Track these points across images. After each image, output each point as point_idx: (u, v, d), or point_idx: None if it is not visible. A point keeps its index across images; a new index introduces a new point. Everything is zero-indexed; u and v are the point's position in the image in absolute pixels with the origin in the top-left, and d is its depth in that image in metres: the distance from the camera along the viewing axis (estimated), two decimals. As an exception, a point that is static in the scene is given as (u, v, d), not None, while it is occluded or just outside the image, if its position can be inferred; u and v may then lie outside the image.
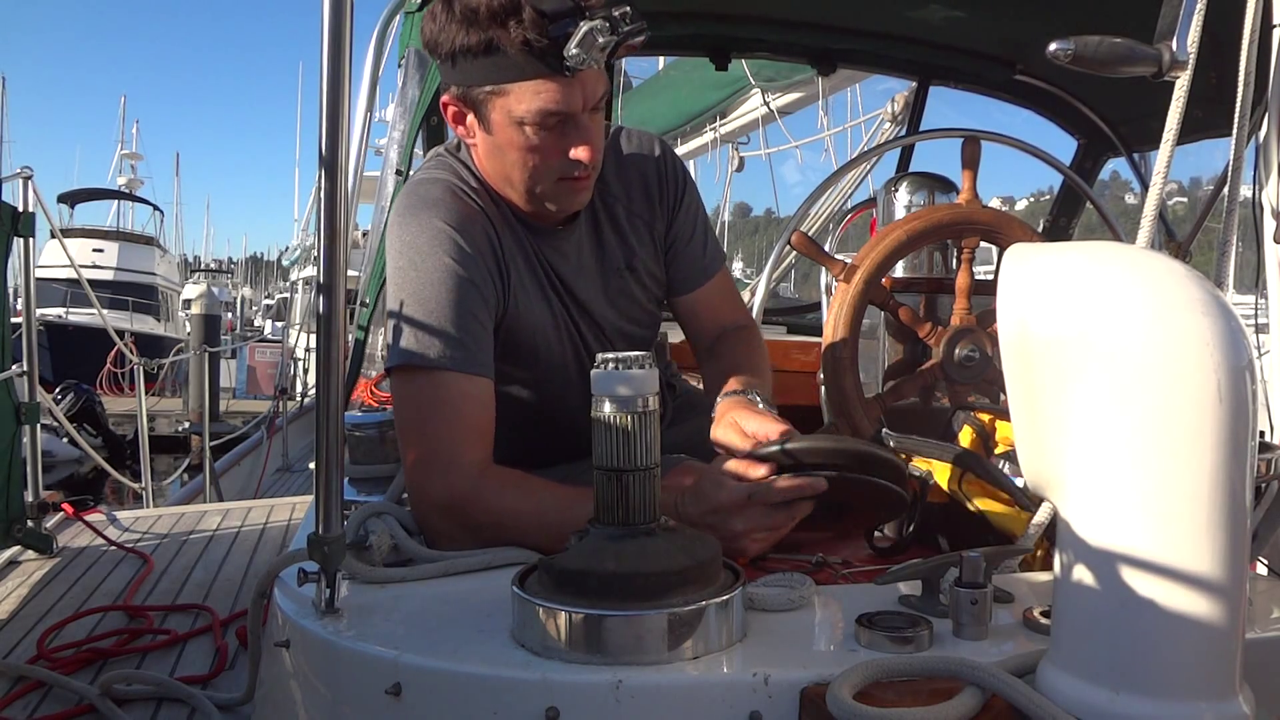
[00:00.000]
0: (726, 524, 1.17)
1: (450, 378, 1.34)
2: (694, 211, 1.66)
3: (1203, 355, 0.73)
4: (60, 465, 10.56)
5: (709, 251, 1.68)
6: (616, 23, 1.25)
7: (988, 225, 1.85)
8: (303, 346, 10.79)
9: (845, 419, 1.80)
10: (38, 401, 3.66)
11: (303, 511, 4.07)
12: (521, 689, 0.87)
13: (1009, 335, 0.84)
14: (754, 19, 2.50)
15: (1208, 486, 0.72)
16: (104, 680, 2.16)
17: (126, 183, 35.52)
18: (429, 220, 1.40)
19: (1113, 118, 2.61)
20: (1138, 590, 0.73)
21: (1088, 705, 0.75)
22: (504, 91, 1.31)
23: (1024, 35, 2.39)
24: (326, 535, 1.01)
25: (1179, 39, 1.12)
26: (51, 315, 16.28)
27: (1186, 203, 8.56)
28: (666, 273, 1.67)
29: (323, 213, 0.99)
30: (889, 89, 4.58)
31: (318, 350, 1.02)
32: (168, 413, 14.12)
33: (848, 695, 0.78)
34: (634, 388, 0.91)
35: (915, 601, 1.01)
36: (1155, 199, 1.14)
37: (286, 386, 9.09)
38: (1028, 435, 0.84)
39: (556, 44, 1.25)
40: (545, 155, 1.37)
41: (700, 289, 1.67)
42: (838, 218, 3.89)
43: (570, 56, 1.25)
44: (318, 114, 0.97)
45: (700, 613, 0.89)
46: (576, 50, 1.24)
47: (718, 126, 5.92)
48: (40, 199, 3.68)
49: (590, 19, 1.24)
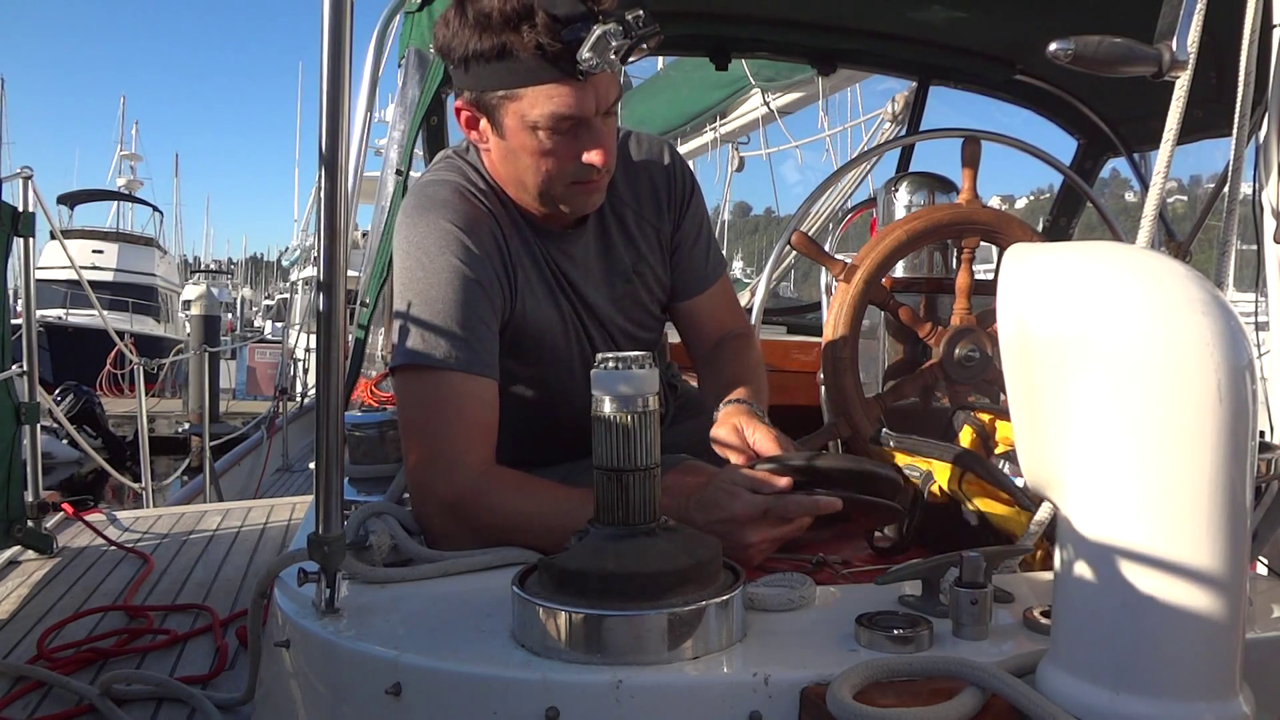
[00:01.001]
0: (738, 535, 1.19)
1: (455, 378, 1.34)
2: (699, 218, 1.66)
3: (1203, 355, 0.73)
4: (60, 466, 10.56)
5: (711, 259, 1.68)
6: (629, 26, 1.24)
7: (988, 225, 1.85)
8: (303, 347, 10.78)
9: (845, 419, 1.80)
10: (38, 402, 3.66)
11: (303, 511, 4.07)
12: (521, 689, 0.87)
13: (1009, 335, 0.84)
14: (754, 19, 2.50)
15: (1208, 486, 0.72)
16: (104, 680, 2.16)
17: (126, 183, 35.53)
18: (437, 221, 1.40)
19: (1113, 118, 2.60)
20: (1138, 590, 0.73)
21: (1088, 705, 0.75)
22: (517, 96, 1.31)
23: (1024, 35, 2.39)
24: (326, 535, 1.01)
25: (1179, 39, 1.12)
26: (51, 316, 16.29)
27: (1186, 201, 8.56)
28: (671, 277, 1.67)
29: (323, 213, 0.99)
30: (889, 89, 4.59)
31: (318, 350, 1.02)
32: (168, 413, 14.11)
33: (848, 695, 0.78)
34: (634, 387, 0.91)
35: (915, 601, 1.01)
36: (1155, 199, 1.14)
37: (286, 387, 9.08)
38: (1028, 435, 0.84)
39: (569, 48, 1.25)
40: (558, 159, 1.37)
41: (700, 296, 1.67)
42: (838, 218, 3.90)
43: (583, 60, 1.24)
44: (318, 114, 0.97)
45: (700, 613, 0.89)
46: (589, 54, 1.24)
47: (718, 126, 5.92)
48: (40, 199, 3.68)
49: (603, 22, 1.24)
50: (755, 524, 1.19)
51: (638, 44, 1.26)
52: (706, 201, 1.72)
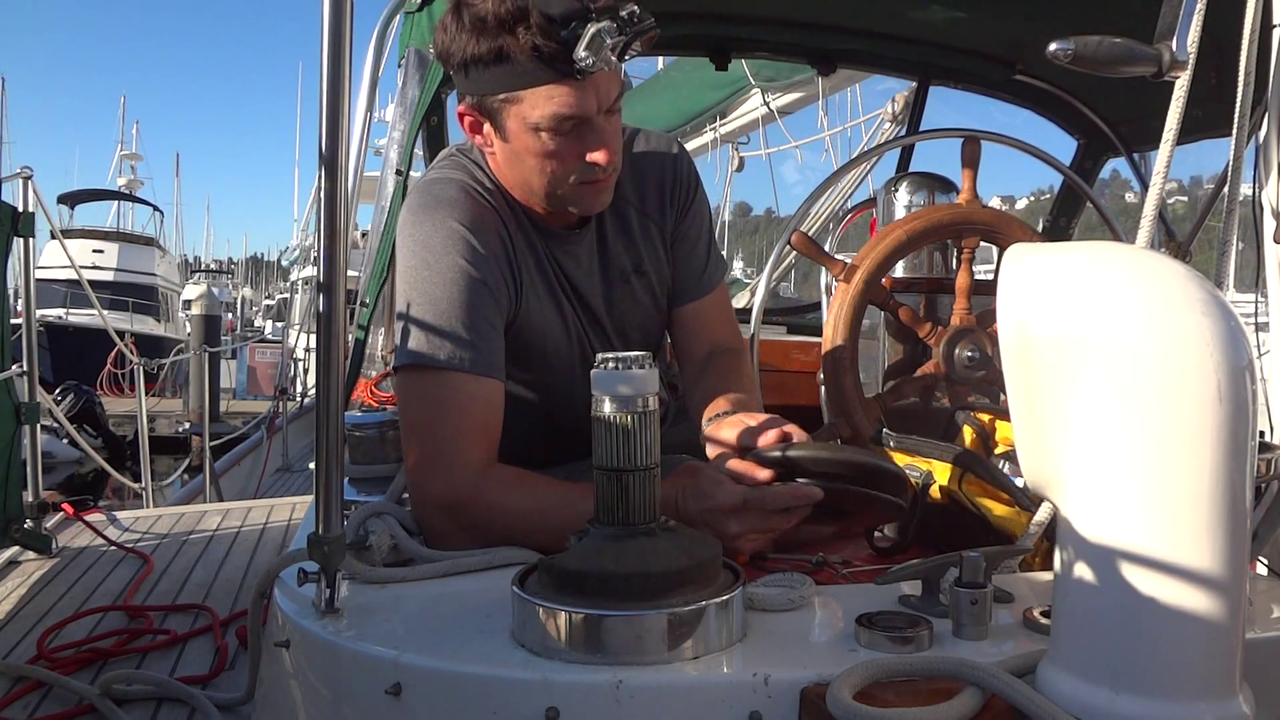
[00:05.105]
0: (722, 524, 1.18)
1: (458, 378, 1.34)
2: (700, 219, 1.64)
3: (1203, 355, 0.73)
4: (60, 466, 10.56)
5: (710, 264, 1.65)
6: (625, 23, 1.24)
7: (988, 225, 1.85)
8: (303, 346, 10.78)
9: (845, 419, 1.80)
10: (38, 402, 3.66)
11: (303, 511, 4.07)
12: (521, 689, 0.87)
13: (1009, 335, 0.84)
14: (754, 19, 2.49)
15: (1208, 486, 0.72)
16: (104, 680, 2.17)
17: (126, 183, 35.52)
18: (443, 220, 1.39)
19: (1113, 118, 2.60)
20: (1138, 590, 0.73)
21: (1087, 705, 0.75)
22: (517, 99, 1.31)
23: (1024, 35, 2.39)
24: (326, 535, 1.01)
25: (1179, 39, 1.12)
26: (51, 316, 16.29)
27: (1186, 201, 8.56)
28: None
29: (323, 213, 0.99)
30: (889, 89, 4.59)
31: (318, 350, 1.02)
32: (168, 413, 14.11)
33: (848, 695, 0.78)
34: (634, 387, 0.91)
35: (915, 601, 1.01)
36: (1155, 199, 1.14)
37: (286, 386, 9.08)
38: (1028, 435, 0.84)
39: (566, 48, 1.24)
40: (562, 160, 1.36)
41: (696, 302, 1.64)
42: (838, 218, 3.90)
43: (580, 59, 1.24)
44: (318, 114, 0.97)
45: (700, 613, 0.89)
46: (586, 53, 1.23)
47: (718, 126, 5.92)
48: (40, 199, 3.68)
49: (598, 20, 1.23)
50: (738, 513, 1.18)
51: (633, 40, 1.25)
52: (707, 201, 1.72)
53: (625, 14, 1.24)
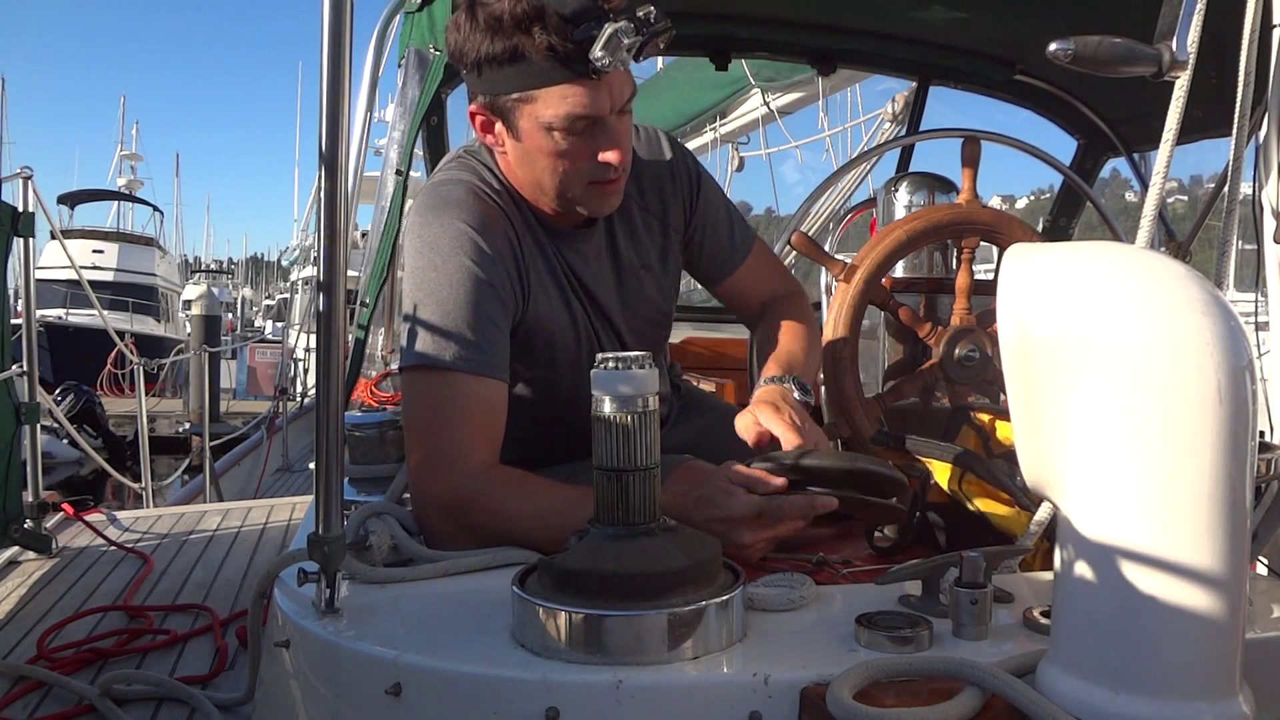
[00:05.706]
0: (734, 534, 1.18)
1: (462, 380, 1.34)
2: (714, 199, 1.67)
3: (1203, 355, 0.73)
4: (60, 466, 10.56)
5: (738, 233, 1.69)
6: (640, 23, 1.24)
7: (988, 225, 1.85)
8: (303, 346, 10.77)
9: (845, 419, 1.80)
10: (38, 402, 3.66)
11: (303, 511, 4.07)
12: (521, 689, 0.87)
13: (1009, 335, 0.84)
14: (754, 19, 2.50)
15: (1208, 486, 0.72)
16: (104, 680, 2.16)
17: (126, 183, 35.55)
18: (451, 221, 1.39)
19: (1113, 118, 2.60)
20: (1138, 590, 0.73)
21: (1087, 705, 0.75)
22: (531, 98, 1.31)
23: (1024, 35, 2.39)
24: (326, 535, 1.01)
25: (1179, 39, 1.11)
26: (51, 316, 16.29)
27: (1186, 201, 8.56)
28: (701, 263, 1.69)
29: (323, 213, 0.99)
30: (889, 89, 4.59)
31: (318, 350, 1.02)
32: (168, 413, 14.12)
33: (848, 695, 0.78)
34: (634, 387, 0.91)
35: (915, 601, 1.01)
36: (1155, 199, 1.14)
37: (286, 386, 9.08)
38: (1028, 435, 0.84)
39: (581, 48, 1.24)
40: (575, 160, 1.36)
41: (737, 270, 1.69)
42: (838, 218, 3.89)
43: (596, 59, 1.24)
44: (318, 114, 0.97)
45: (700, 613, 0.89)
46: (601, 53, 1.23)
47: (718, 126, 5.92)
48: (40, 199, 3.68)
49: (614, 20, 1.23)
50: (751, 524, 1.19)
51: (650, 40, 1.25)
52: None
53: (641, 14, 1.24)
